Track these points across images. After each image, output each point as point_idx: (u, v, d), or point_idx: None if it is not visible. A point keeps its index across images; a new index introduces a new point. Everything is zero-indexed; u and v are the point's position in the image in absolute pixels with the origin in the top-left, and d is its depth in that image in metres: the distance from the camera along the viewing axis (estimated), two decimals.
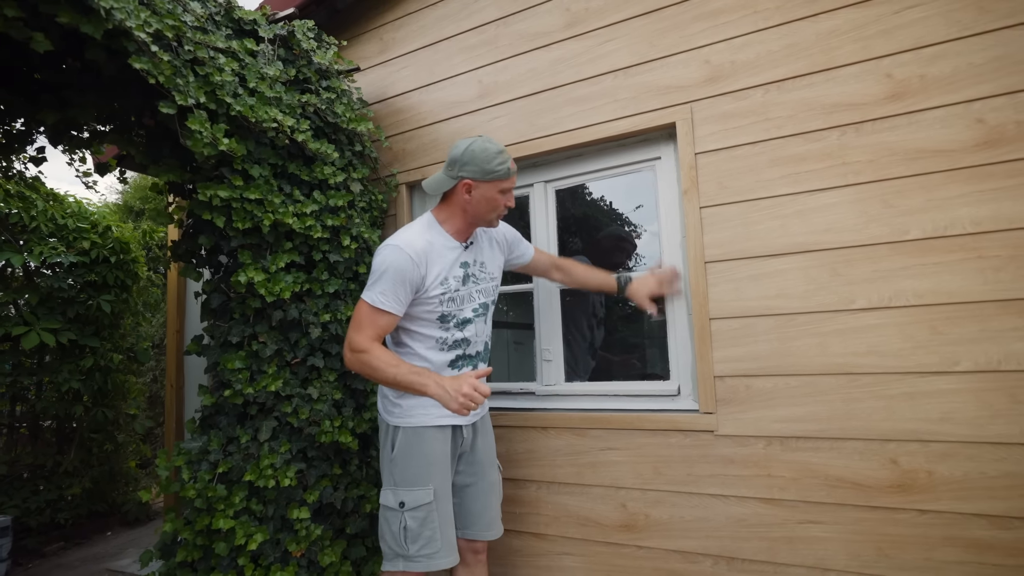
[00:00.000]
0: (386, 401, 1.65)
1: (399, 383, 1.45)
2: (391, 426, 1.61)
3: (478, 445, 1.73)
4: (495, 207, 1.60)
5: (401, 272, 1.49)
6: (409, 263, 1.50)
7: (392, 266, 1.49)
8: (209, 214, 1.69)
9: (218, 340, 1.83)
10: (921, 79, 1.53)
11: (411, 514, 1.53)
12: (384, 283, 1.49)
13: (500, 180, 1.57)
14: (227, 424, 1.79)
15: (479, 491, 1.72)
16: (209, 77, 1.60)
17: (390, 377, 1.46)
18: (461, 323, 1.65)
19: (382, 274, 1.50)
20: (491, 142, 1.56)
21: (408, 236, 1.57)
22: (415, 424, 1.58)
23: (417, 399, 1.56)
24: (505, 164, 1.56)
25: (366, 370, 1.49)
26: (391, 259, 1.51)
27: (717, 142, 1.77)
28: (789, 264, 1.65)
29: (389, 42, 2.50)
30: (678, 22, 1.87)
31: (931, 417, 1.47)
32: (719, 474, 1.70)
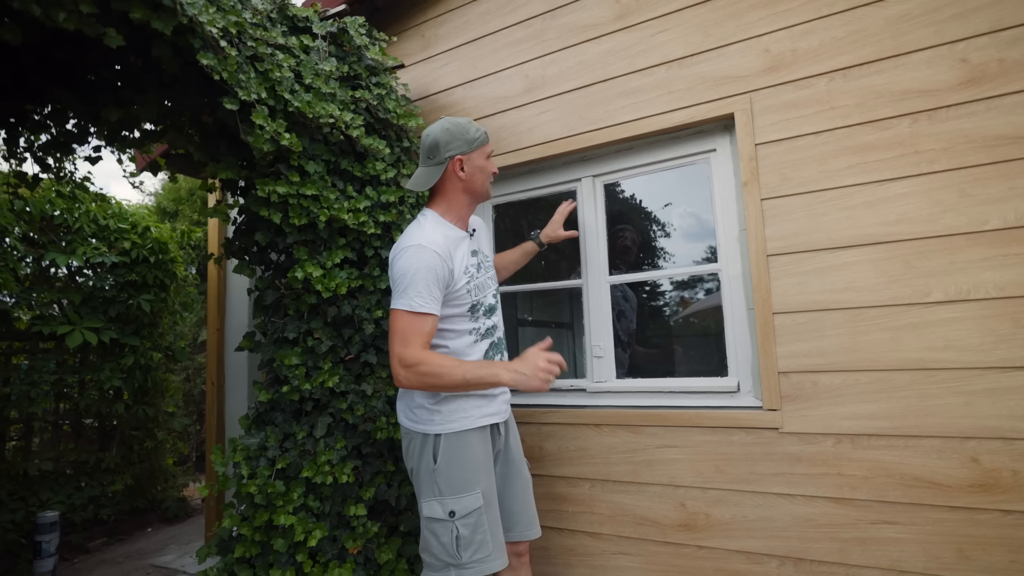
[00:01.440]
0: (420, 410, 1.55)
1: (469, 382, 1.40)
2: (430, 435, 1.52)
3: (511, 443, 1.71)
4: (487, 174, 1.63)
5: (432, 270, 1.45)
6: (438, 260, 1.46)
7: (422, 266, 1.44)
8: (266, 211, 1.69)
9: (272, 336, 1.83)
10: (1000, 63, 1.48)
11: (463, 522, 1.47)
12: (418, 285, 1.43)
13: (484, 145, 1.62)
14: (283, 420, 1.79)
15: (517, 490, 1.69)
16: (268, 73, 1.60)
17: (458, 379, 1.39)
18: (488, 310, 1.65)
19: (412, 277, 1.43)
20: (456, 118, 1.61)
21: (425, 234, 1.51)
22: (457, 429, 1.51)
23: (455, 402, 1.52)
24: (481, 129, 1.62)
25: (427, 381, 1.40)
26: (418, 259, 1.45)
27: (779, 132, 1.73)
28: (858, 256, 1.60)
29: (431, 39, 2.49)
30: (734, 11, 1.83)
31: (1016, 414, 1.41)
32: (785, 472, 1.66)
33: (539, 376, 1.33)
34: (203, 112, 1.71)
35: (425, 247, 1.46)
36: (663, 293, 3.00)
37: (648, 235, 2.66)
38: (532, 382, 1.34)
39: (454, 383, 1.40)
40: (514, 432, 1.76)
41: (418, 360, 1.39)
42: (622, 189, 3.35)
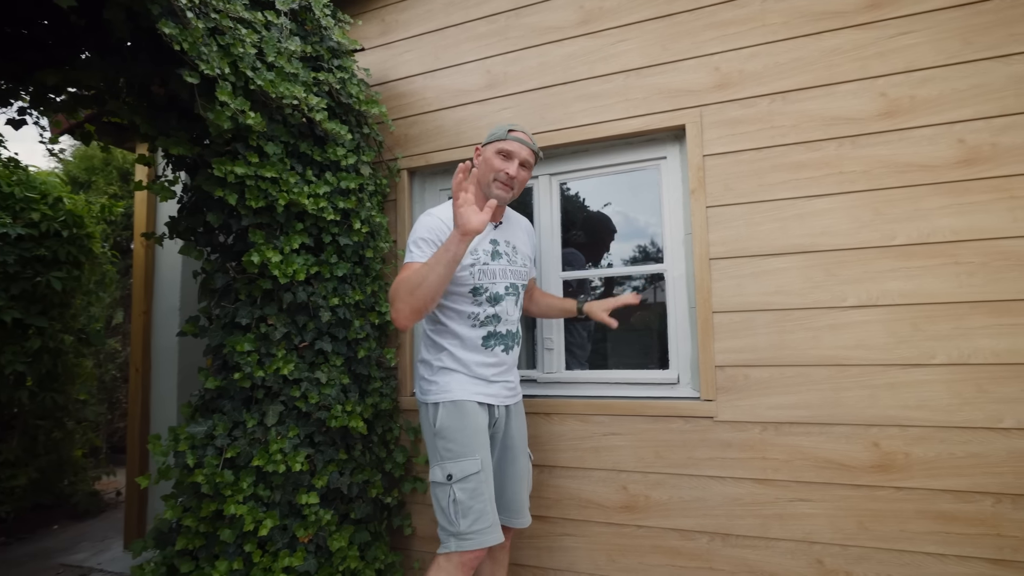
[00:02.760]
0: (422, 382, 1.69)
1: (435, 267, 1.40)
2: (429, 404, 1.64)
3: (512, 430, 1.75)
4: (492, 170, 1.65)
5: (434, 231, 1.58)
6: (441, 224, 1.59)
7: (426, 228, 1.59)
8: (222, 191, 1.63)
9: (220, 322, 1.77)
10: (911, 99, 1.69)
11: (460, 485, 1.52)
12: (422, 244, 1.56)
13: (497, 141, 1.66)
14: (232, 408, 1.73)
15: (511, 477, 1.74)
16: (231, 48, 1.54)
17: (425, 271, 1.41)
18: (493, 298, 1.67)
19: (418, 237, 1.58)
20: None
21: (441, 208, 1.68)
22: (454, 398, 1.60)
23: (450, 375, 1.64)
24: (505, 127, 1.69)
25: (402, 293, 1.44)
26: (424, 223, 1.61)
27: (724, 146, 1.88)
28: (788, 263, 1.78)
29: (392, 24, 2.46)
30: (690, 28, 1.96)
31: (909, 404, 1.64)
32: (717, 457, 1.83)
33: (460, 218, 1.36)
34: (153, 82, 1.61)
35: (433, 214, 1.63)
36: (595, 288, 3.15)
37: (591, 233, 2.79)
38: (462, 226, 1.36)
39: (425, 278, 1.41)
40: (519, 420, 1.79)
41: (394, 289, 1.48)
42: (568, 187, 3.47)
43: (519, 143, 1.67)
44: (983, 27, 1.63)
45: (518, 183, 1.69)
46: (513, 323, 1.75)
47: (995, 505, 1.55)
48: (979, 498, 1.56)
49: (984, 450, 1.57)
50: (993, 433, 1.56)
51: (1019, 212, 1.57)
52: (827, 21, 1.79)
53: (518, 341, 1.77)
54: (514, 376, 1.78)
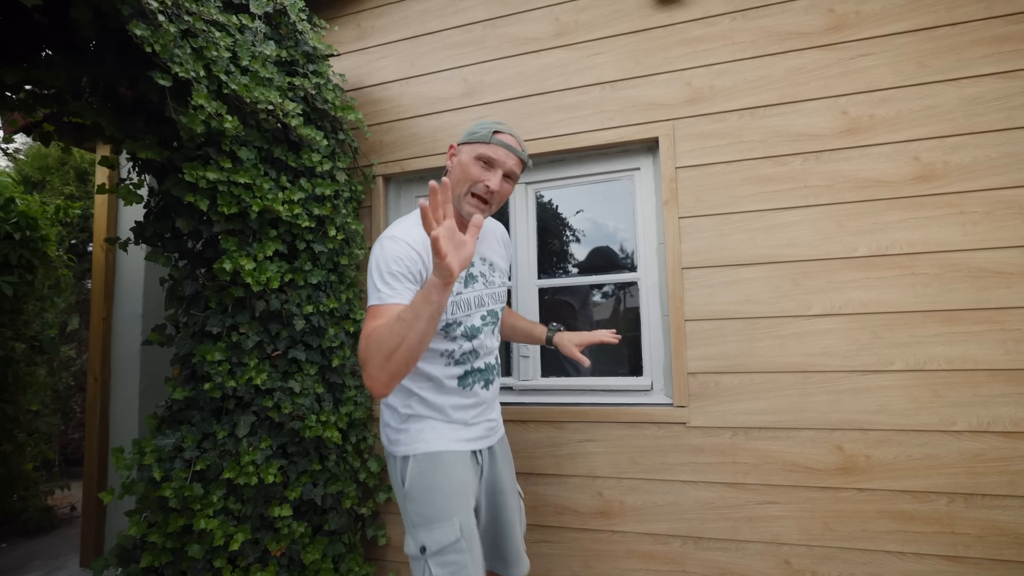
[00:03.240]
0: (388, 429, 1.42)
1: (414, 322, 1.07)
2: (398, 457, 1.37)
3: (498, 471, 1.49)
4: (467, 177, 1.32)
5: (403, 261, 1.23)
6: (409, 251, 1.25)
7: (391, 257, 1.23)
8: (192, 196, 1.59)
9: (189, 330, 1.72)
10: (871, 118, 1.78)
11: (436, 560, 1.25)
12: (386, 277, 1.22)
13: (478, 143, 1.33)
14: (201, 419, 1.68)
15: (503, 524, 1.49)
16: (204, 51, 1.50)
17: (400, 328, 1.08)
18: (469, 332, 1.40)
19: (385, 272, 1.23)
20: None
21: (404, 226, 1.32)
22: (428, 448, 1.34)
23: (422, 422, 1.36)
24: (488, 128, 1.34)
25: (372, 350, 1.11)
26: (388, 250, 1.25)
27: (696, 159, 1.93)
28: (756, 273, 1.84)
29: (367, 29, 2.45)
30: (662, 44, 2.01)
31: (870, 409, 1.71)
32: (690, 462, 1.87)
33: (441, 258, 1.00)
34: (120, 84, 1.56)
35: (398, 238, 1.26)
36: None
37: (563, 241, 2.82)
38: (445, 269, 1.02)
39: (404, 337, 1.07)
40: (504, 458, 1.54)
41: (364, 349, 1.14)
42: (541, 195, 3.50)
43: (506, 150, 1.33)
44: (936, 52, 1.73)
45: (498, 198, 1.36)
46: (492, 354, 1.50)
47: (949, 504, 1.63)
48: (934, 498, 1.64)
49: (938, 452, 1.65)
50: (947, 436, 1.64)
51: (969, 227, 1.67)
52: (792, 41, 1.86)
53: (498, 371, 1.53)
54: (495, 411, 1.53)
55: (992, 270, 1.64)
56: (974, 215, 1.67)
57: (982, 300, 1.64)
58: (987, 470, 1.61)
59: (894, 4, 1.78)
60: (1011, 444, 1.59)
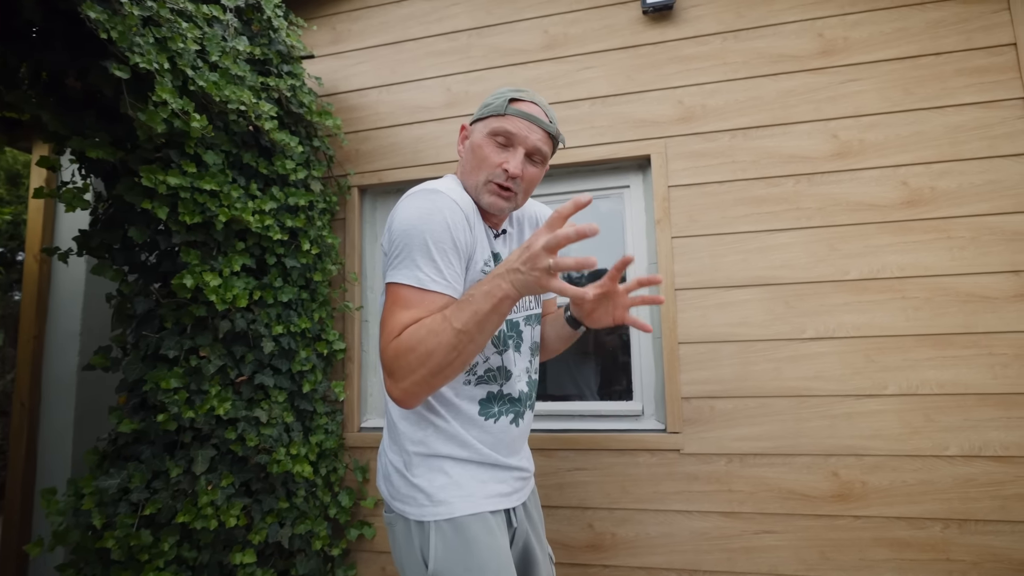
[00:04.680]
0: (397, 478, 1.05)
1: (467, 328, 0.84)
2: (411, 522, 1.02)
3: (532, 534, 1.18)
4: (481, 162, 1.03)
5: (457, 228, 0.95)
6: (462, 218, 0.97)
7: (442, 221, 0.93)
8: (150, 203, 1.41)
9: (140, 353, 1.52)
10: (860, 142, 1.79)
11: None
12: (433, 251, 0.91)
13: (490, 117, 1.04)
14: (151, 455, 1.49)
15: None
16: (168, 42, 1.35)
17: (450, 335, 0.85)
18: (499, 341, 1.09)
19: (425, 238, 0.92)
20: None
21: (439, 183, 1.02)
22: (456, 514, 1.00)
23: (447, 468, 1.03)
24: (503, 96, 1.04)
25: (410, 361, 0.87)
26: (438, 210, 0.94)
27: (689, 178, 1.90)
28: (750, 295, 1.81)
29: (343, 33, 2.32)
30: (654, 61, 1.98)
31: (865, 434, 1.69)
32: (684, 491, 1.80)
33: (541, 268, 0.79)
34: (68, 75, 1.38)
35: (442, 192, 0.97)
36: None
37: None
38: (534, 278, 0.81)
39: (448, 343, 0.85)
40: (538, 517, 1.24)
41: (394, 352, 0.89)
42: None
43: (527, 121, 1.02)
44: (921, 80, 1.76)
45: (525, 185, 1.06)
46: (525, 378, 1.16)
47: (944, 531, 1.62)
48: (929, 524, 1.63)
49: (932, 477, 1.64)
50: (940, 461, 1.64)
51: (956, 252, 1.69)
52: (783, 64, 1.87)
53: (531, 403, 1.19)
54: (526, 453, 1.20)
55: (979, 295, 1.66)
56: (960, 240, 1.69)
57: (970, 324, 1.66)
58: (980, 495, 1.60)
59: (881, 32, 1.81)
60: (1002, 468, 1.60)
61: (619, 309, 1.10)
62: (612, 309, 1.11)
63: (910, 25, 1.79)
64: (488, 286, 0.84)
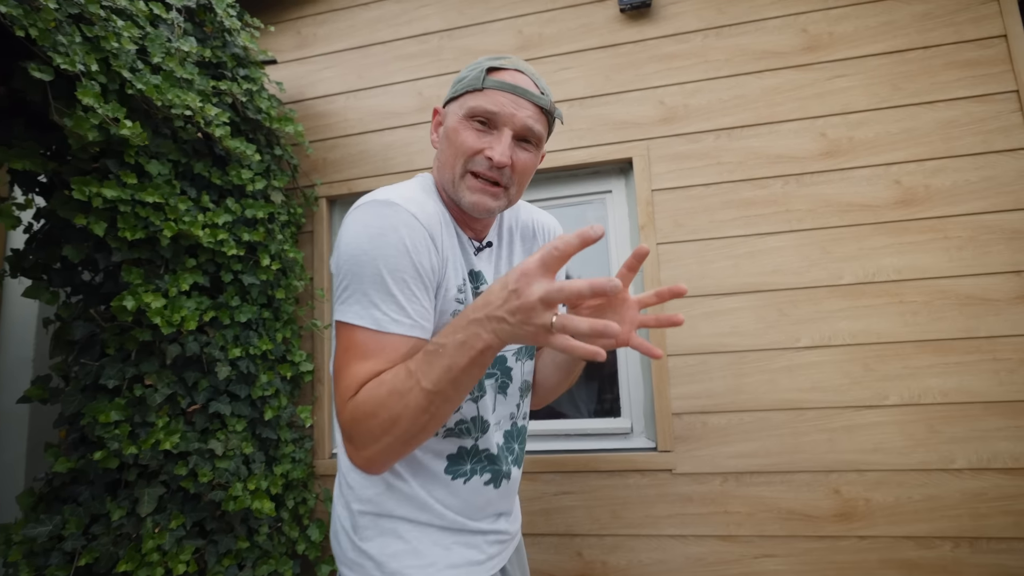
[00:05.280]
0: (341, 535, 0.87)
1: (439, 389, 0.65)
2: None
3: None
4: (457, 151, 0.80)
5: (414, 251, 0.73)
6: (419, 231, 0.74)
7: (393, 242, 0.72)
8: (84, 218, 1.28)
9: (79, 383, 1.38)
10: (849, 140, 1.71)
11: None
12: (385, 282, 0.71)
13: (466, 94, 0.80)
14: (90, 497, 1.34)
15: None
16: (101, 42, 1.23)
17: (418, 397, 0.66)
18: (476, 386, 0.85)
19: (376, 263, 0.71)
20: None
21: (400, 190, 0.78)
22: None
23: (402, 532, 0.82)
24: (479, 66, 0.81)
25: (401, 426, 0.67)
26: (387, 228, 0.72)
27: (673, 180, 1.80)
28: (741, 303, 1.71)
29: (309, 37, 2.21)
30: (633, 60, 1.89)
31: (866, 448, 1.59)
32: (677, 514, 1.68)
33: (535, 322, 0.59)
34: None
35: (399, 206, 0.74)
36: None
37: None
38: (524, 333, 0.61)
39: (417, 407, 0.66)
40: (520, 566, 1.03)
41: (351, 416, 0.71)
42: None
43: (512, 94, 0.78)
44: (909, 75, 1.69)
45: (517, 176, 0.82)
46: (507, 426, 0.92)
47: (954, 550, 1.52)
48: (939, 543, 1.53)
49: (939, 492, 1.54)
50: (947, 475, 1.54)
51: (954, 252, 1.61)
52: (767, 61, 1.79)
53: (517, 458, 0.95)
54: (512, 515, 0.97)
55: (979, 297, 1.58)
56: (958, 240, 1.61)
57: (971, 328, 1.57)
58: (990, 511, 1.51)
59: (866, 26, 1.74)
60: (1013, 482, 1.50)
61: (625, 325, 0.83)
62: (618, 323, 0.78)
63: (896, 19, 1.72)
64: (464, 335, 0.64)
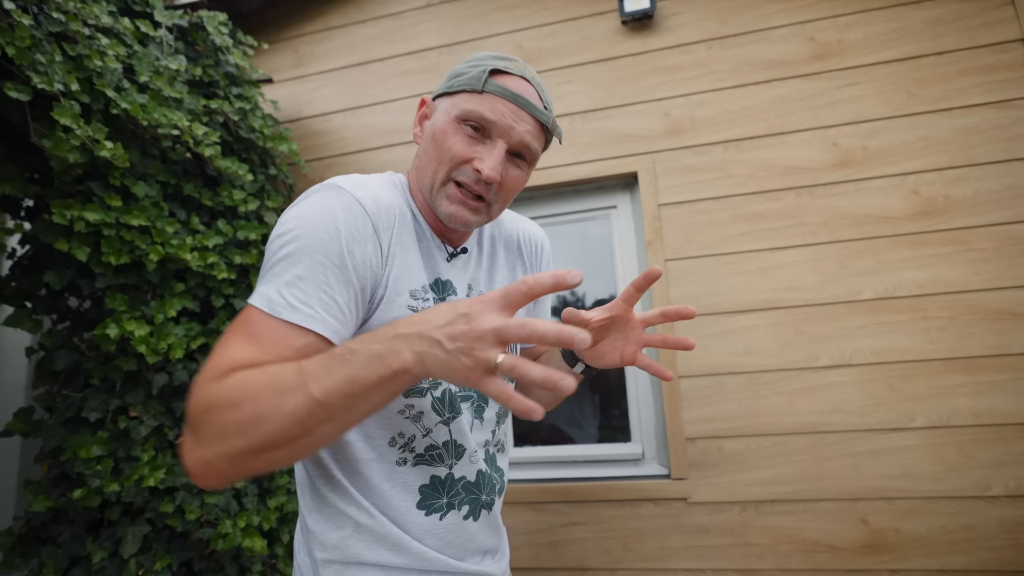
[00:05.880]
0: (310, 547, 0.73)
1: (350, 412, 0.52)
2: None
3: None
4: (443, 154, 0.70)
5: (347, 237, 0.63)
6: (360, 217, 0.65)
7: (323, 226, 0.62)
8: (66, 243, 1.23)
9: (61, 416, 1.32)
10: (863, 150, 1.64)
11: None
12: (299, 263, 0.61)
13: (461, 92, 0.71)
14: (70, 537, 1.26)
15: None
16: (83, 60, 1.18)
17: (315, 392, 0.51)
18: (444, 404, 0.73)
19: (294, 243, 0.61)
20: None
21: (363, 181, 0.71)
22: None
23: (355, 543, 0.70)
24: (482, 64, 0.71)
25: (264, 430, 0.51)
26: (322, 210, 0.63)
27: (680, 195, 1.74)
28: (755, 321, 1.64)
29: (306, 56, 2.18)
30: (636, 73, 1.85)
31: (894, 474, 1.50)
32: (694, 545, 1.58)
33: (474, 355, 0.47)
34: None
35: (344, 190, 0.66)
36: None
37: None
38: (457, 365, 0.48)
39: (292, 413, 0.51)
40: None
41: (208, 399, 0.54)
42: None
43: (514, 104, 0.69)
44: (924, 81, 1.63)
45: (503, 193, 0.74)
46: (489, 449, 0.81)
47: None
48: None
49: (975, 522, 1.44)
50: (982, 502, 1.44)
51: (979, 264, 1.53)
52: (775, 70, 1.74)
53: (499, 486, 0.83)
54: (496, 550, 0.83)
55: (1009, 311, 1.49)
56: (983, 252, 1.53)
57: (1002, 345, 1.48)
58: None
59: (876, 33, 1.68)
60: None
61: (630, 345, 0.78)
62: (622, 344, 0.77)
63: (907, 24, 1.67)
64: (382, 347, 0.51)
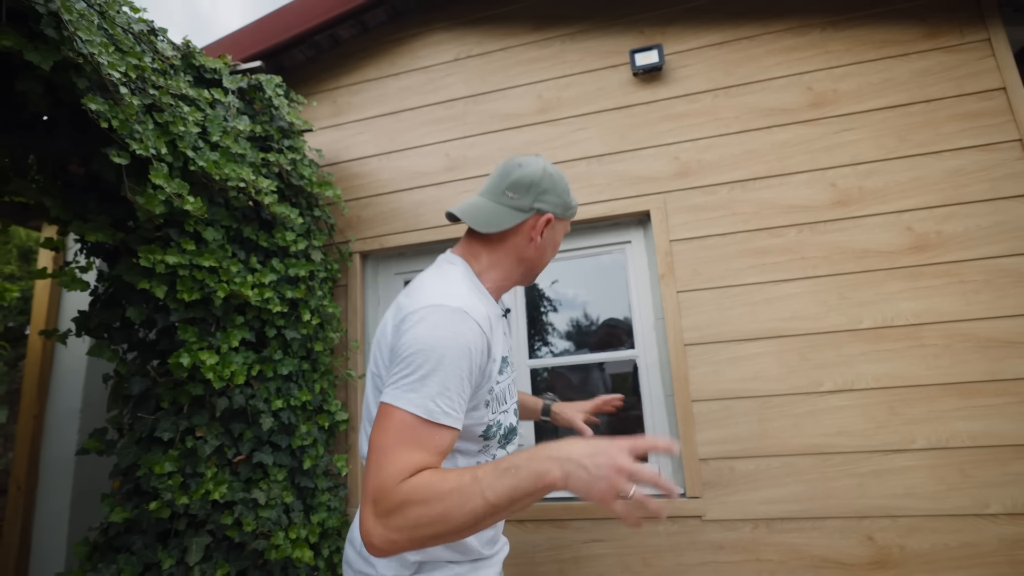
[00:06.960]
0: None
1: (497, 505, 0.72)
2: None
3: None
4: (548, 261, 1.11)
5: (471, 355, 0.85)
6: (481, 341, 0.87)
7: (460, 346, 0.83)
8: (148, 283, 1.41)
9: (135, 435, 1.48)
10: (860, 190, 1.78)
11: None
12: (444, 376, 0.80)
13: (569, 220, 1.12)
14: (143, 546, 1.41)
15: None
16: (169, 126, 1.38)
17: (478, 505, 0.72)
18: (506, 436, 1.04)
19: (440, 361, 0.81)
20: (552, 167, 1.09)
21: (462, 293, 0.90)
22: None
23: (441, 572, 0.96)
24: (574, 203, 1.11)
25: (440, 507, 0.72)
26: (457, 333, 0.83)
27: (690, 231, 1.88)
28: (762, 348, 1.76)
29: (344, 106, 2.39)
30: (647, 120, 2.01)
31: (897, 493, 1.59)
32: (709, 561, 1.68)
33: (611, 481, 0.69)
34: (71, 160, 1.41)
35: (468, 315, 0.86)
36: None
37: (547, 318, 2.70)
38: (597, 486, 0.70)
39: (472, 513, 0.72)
40: None
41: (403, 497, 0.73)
42: None
43: None
44: (914, 127, 1.77)
45: None
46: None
47: None
48: None
49: (976, 539, 1.52)
50: (982, 520, 1.53)
51: (971, 295, 1.64)
52: (775, 117, 1.89)
53: None
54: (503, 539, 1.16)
55: (1001, 340, 1.60)
56: (974, 284, 1.64)
57: (996, 371, 1.58)
58: None
59: (868, 82, 1.83)
60: None
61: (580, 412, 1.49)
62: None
63: (896, 75, 1.82)
64: (540, 465, 0.72)
